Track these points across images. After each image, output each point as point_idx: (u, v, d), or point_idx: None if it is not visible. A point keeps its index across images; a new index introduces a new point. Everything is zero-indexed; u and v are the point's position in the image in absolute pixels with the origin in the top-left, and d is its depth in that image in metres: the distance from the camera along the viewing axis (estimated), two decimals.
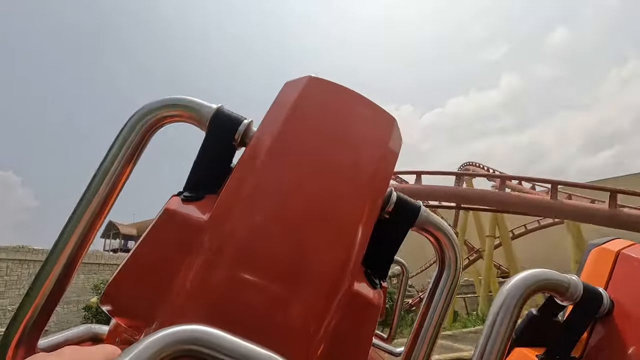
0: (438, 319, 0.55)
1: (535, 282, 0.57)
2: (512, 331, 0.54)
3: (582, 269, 0.75)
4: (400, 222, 0.54)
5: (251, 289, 0.42)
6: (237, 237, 0.43)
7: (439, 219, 0.56)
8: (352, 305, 0.47)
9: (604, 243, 0.74)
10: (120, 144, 0.49)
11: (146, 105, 0.51)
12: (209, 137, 0.52)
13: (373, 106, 0.55)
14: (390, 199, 0.53)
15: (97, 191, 0.47)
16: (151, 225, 0.47)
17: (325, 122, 0.51)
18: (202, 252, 0.43)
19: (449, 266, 0.55)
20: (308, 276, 0.44)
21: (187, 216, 0.46)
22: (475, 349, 0.55)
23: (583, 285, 0.60)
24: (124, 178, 0.50)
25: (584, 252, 0.77)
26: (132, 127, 0.50)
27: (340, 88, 0.54)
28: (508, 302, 0.55)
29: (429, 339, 0.54)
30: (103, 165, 0.49)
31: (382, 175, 0.51)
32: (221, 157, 0.52)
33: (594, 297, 0.61)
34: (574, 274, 0.63)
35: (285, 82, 0.55)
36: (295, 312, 0.43)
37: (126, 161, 0.49)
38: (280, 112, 0.51)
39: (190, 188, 0.51)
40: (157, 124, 0.51)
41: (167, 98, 0.52)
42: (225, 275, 0.42)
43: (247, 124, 0.52)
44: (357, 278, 0.49)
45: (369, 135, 0.52)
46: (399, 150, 0.55)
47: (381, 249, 0.54)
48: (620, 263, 0.68)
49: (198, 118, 0.52)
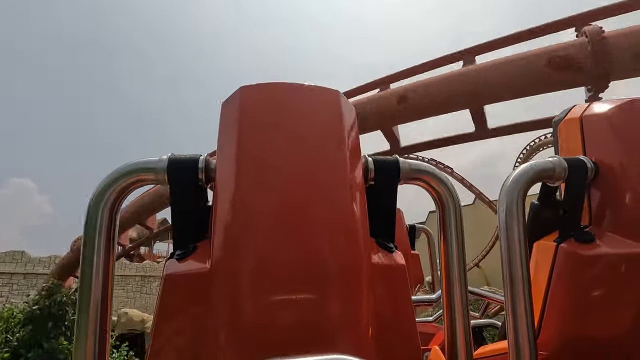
0: (459, 253, 0.56)
1: (525, 179, 0.59)
2: (525, 231, 0.57)
3: (557, 146, 0.77)
4: (386, 183, 0.55)
5: (284, 308, 0.42)
6: (246, 267, 0.43)
7: (419, 162, 0.58)
8: (379, 276, 0.47)
9: (565, 115, 0.76)
10: (89, 235, 0.47)
11: (99, 184, 0.49)
12: (173, 189, 0.50)
13: (313, 88, 0.54)
14: (368, 165, 0.54)
15: (90, 292, 0.46)
16: (158, 298, 0.45)
17: (276, 122, 0.50)
18: (221, 297, 0.43)
19: (447, 200, 0.57)
20: (328, 272, 0.44)
21: (189, 273, 0.45)
22: (503, 263, 0.56)
23: (565, 161, 0.63)
24: (111, 264, 0.48)
25: (552, 130, 0.80)
26: (94, 212, 0.48)
27: (274, 85, 0.53)
28: (510, 208, 0.57)
29: (458, 274, 0.56)
30: (87, 264, 0.47)
31: (350, 147, 0.51)
32: (194, 202, 0.51)
33: (578, 167, 0.64)
34: (554, 156, 0.66)
35: (221, 103, 0.54)
36: (333, 310, 0.43)
37: (105, 247, 0.48)
38: (231, 134, 0.50)
39: (180, 245, 0.50)
40: (117, 199, 0.49)
41: (113, 172, 0.50)
42: (253, 307, 0.41)
43: (205, 159, 0.51)
44: (373, 250, 0.50)
45: (320, 116, 0.52)
46: (355, 119, 0.55)
47: (380, 214, 0.54)
48: (587, 126, 0.70)
49: (154, 177, 0.50)
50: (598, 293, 0.60)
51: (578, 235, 0.63)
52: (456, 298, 0.55)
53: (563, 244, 0.64)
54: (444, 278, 0.56)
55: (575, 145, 0.71)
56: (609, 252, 0.60)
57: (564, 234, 0.65)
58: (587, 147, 0.69)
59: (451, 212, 0.57)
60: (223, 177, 0.48)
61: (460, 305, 0.55)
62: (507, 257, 0.56)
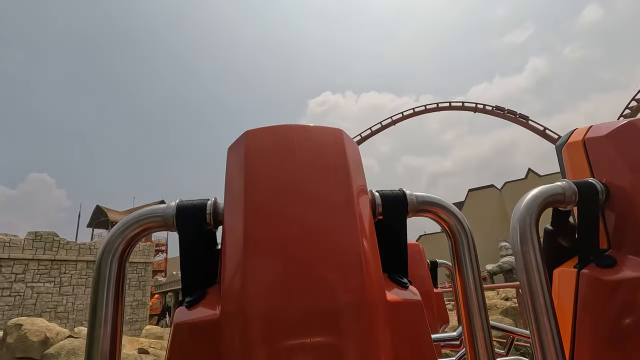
0: (476, 285, 0.54)
1: (536, 204, 0.58)
2: (542, 258, 0.55)
3: (563, 170, 0.76)
4: (394, 216, 0.54)
5: (298, 353, 0.40)
6: (257, 312, 0.42)
7: (427, 195, 0.56)
8: (394, 314, 0.46)
9: (567, 139, 0.76)
10: (98, 285, 0.47)
11: (108, 236, 0.49)
12: (182, 235, 0.50)
13: (316, 129, 0.55)
14: (375, 200, 0.54)
15: (99, 340, 0.45)
16: (168, 347, 0.44)
17: (281, 165, 0.50)
18: (232, 344, 0.41)
19: (458, 231, 0.56)
20: (342, 312, 0.42)
21: (199, 320, 0.44)
22: (524, 295, 0.54)
23: (574, 184, 0.62)
24: (120, 313, 0.48)
25: (557, 156, 0.79)
26: (103, 263, 0.48)
27: (278, 128, 0.54)
28: (524, 234, 0.55)
29: (478, 308, 0.53)
30: (94, 314, 0.46)
31: (357, 184, 0.51)
32: (203, 246, 0.51)
33: (589, 190, 0.62)
34: (562, 180, 0.64)
35: (227, 148, 0.55)
36: (350, 352, 0.41)
37: (114, 299, 0.47)
38: (237, 178, 0.50)
39: (189, 292, 0.49)
40: (126, 248, 0.50)
41: (124, 221, 0.50)
42: (265, 353, 0.40)
43: (212, 204, 0.51)
44: (387, 287, 0.48)
45: (325, 156, 0.52)
46: (359, 155, 0.56)
47: (391, 248, 0.54)
48: (591, 149, 0.69)
49: (163, 223, 0.50)
50: (628, 320, 0.56)
51: (599, 259, 0.61)
52: (478, 335, 0.53)
53: (584, 270, 0.61)
54: (464, 313, 0.54)
55: (581, 169, 0.70)
56: (633, 276, 0.57)
57: (583, 260, 0.63)
58: (595, 170, 0.67)
59: (464, 243, 0.56)
60: (230, 222, 0.48)
61: (484, 342, 0.52)
62: (527, 287, 0.53)
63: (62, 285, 14.36)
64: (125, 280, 0.49)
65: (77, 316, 15.26)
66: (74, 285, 14.99)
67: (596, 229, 0.62)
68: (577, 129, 0.74)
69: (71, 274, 14.65)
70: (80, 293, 15.20)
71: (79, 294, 15.21)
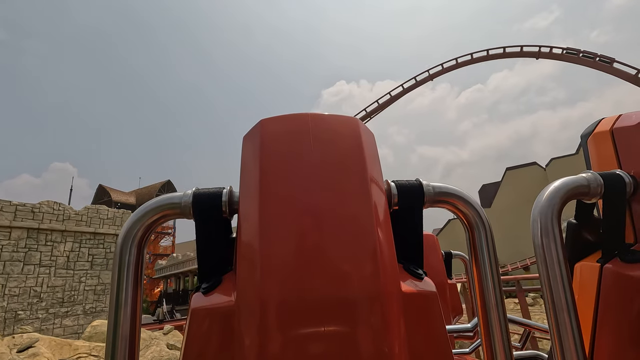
0: (494, 277, 0.53)
1: (559, 196, 0.56)
2: (564, 251, 0.53)
3: (589, 161, 0.72)
4: (410, 207, 0.53)
5: (311, 341, 0.41)
6: (272, 300, 0.42)
7: (444, 185, 0.55)
8: (409, 305, 0.45)
9: (593, 129, 0.72)
10: (119, 269, 0.48)
11: (128, 222, 0.51)
12: (198, 223, 0.51)
13: (332, 117, 0.54)
14: (391, 190, 0.53)
15: (119, 323, 0.46)
16: (185, 332, 0.45)
17: (296, 153, 0.50)
18: (247, 330, 0.42)
19: (475, 223, 0.54)
20: (356, 301, 0.42)
21: (215, 306, 0.45)
22: (543, 289, 0.53)
23: (600, 176, 0.59)
24: (139, 299, 0.49)
25: (582, 146, 0.75)
26: (123, 248, 0.49)
27: (293, 117, 0.53)
28: (546, 227, 0.54)
29: (495, 300, 0.52)
30: (115, 297, 0.47)
31: (372, 174, 0.50)
32: (219, 234, 0.51)
33: (615, 182, 0.60)
34: (587, 171, 0.62)
35: (242, 137, 0.54)
36: (364, 342, 0.41)
37: (133, 282, 0.48)
38: (253, 166, 0.50)
39: (205, 278, 0.50)
40: (145, 234, 0.50)
41: (142, 207, 0.51)
42: (279, 340, 0.40)
43: (228, 192, 0.51)
44: (402, 278, 0.48)
45: (341, 145, 0.51)
46: (375, 145, 0.55)
47: (407, 239, 0.53)
48: (620, 139, 0.66)
49: (180, 211, 0.51)
50: None
51: (623, 254, 0.59)
52: (495, 328, 0.51)
53: (608, 265, 0.60)
54: (480, 305, 0.53)
55: (608, 160, 0.67)
56: None
57: (607, 254, 0.61)
58: (623, 161, 0.65)
59: (482, 235, 0.54)
60: (246, 210, 0.48)
61: (500, 335, 0.51)
62: (547, 281, 0.52)
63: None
64: (143, 266, 0.50)
65: (10, 303, 10.95)
66: (6, 260, 10.62)
67: (622, 223, 0.60)
68: (605, 118, 0.71)
69: (1, 245, 10.41)
70: (16, 272, 10.87)
71: (14, 274, 10.84)
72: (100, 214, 12.86)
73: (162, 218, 0.51)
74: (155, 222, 0.50)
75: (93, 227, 12.53)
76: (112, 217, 13.43)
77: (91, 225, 12.54)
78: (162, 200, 0.51)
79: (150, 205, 0.51)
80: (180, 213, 0.50)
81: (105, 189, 42.78)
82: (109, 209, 13.02)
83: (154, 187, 41.90)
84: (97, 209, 12.78)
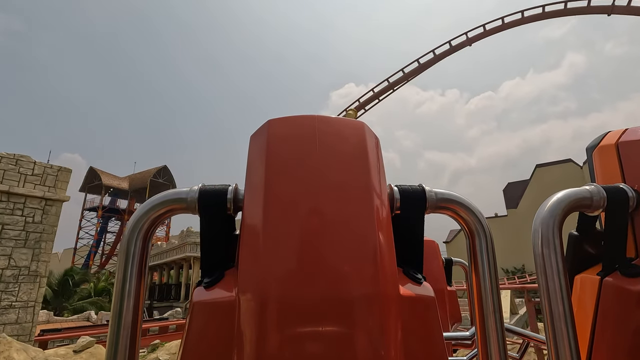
0: (492, 286, 0.53)
1: (561, 208, 0.56)
2: (564, 263, 0.53)
3: (593, 173, 0.73)
4: (412, 212, 0.53)
5: (309, 340, 0.41)
6: (271, 298, 0.42)
7: (446, 192, 0.55)
8: (407, 308, 0.46)
9: (599, 142, 0.72)
10: (125, 260, 0.49)
11: (135, 215, 0.51)
12: (203, 218, 0.52)
13: (338, 120, 0.55)
14: (394, 194, 0.53)
15: (122, 312, 0.47)
16: (186, 324, 0.45)
17: (302, 155, 0.50)
18: (246, 326, 0.42)
19: (476, 230, 0.54)
20: (354, 302, 0.42)
21: (216, 300, 0.45)
22: (542, 298, 0.53)
23: (603, 189, 0.59)
24: (143, 290, 0.49)
25: (587, 159, 0.75)
26: (130, 240, 0.49)
27: (300, 118, 0.54)
28: (547, 238, 0.54)
29: (493, 309, 0.52)
30: (120, 287, 0.48)
31: (375, 178, 0.51)
32: (223, 231, 0.52)
33: (618, 196, 0.60)
34: (590, 183, 0.62)
35: (250, 136, 0.55)
36: (360, 343, 0.41)
37: (137, 274, 0.49)
38: (258, 165, 0.51)
39: (208, 273, 0.50)
40: (150, 227, 0.51)
41: (149, 201, 0.52)
42: (277, 338, 0.41)
43: (233, 190, 0.52)
44: (401, 281, 0.48)
45: (346, 148, 0.52)
46: (380, 149, 0.55)
47: (408, 243, 0.53)
48: (625, 153, 0.66)
49: (186, 206, 0.52)
50: None
51: (624, 268, 0.59)
52: (492, 336, 0.51)
53: (608, 278, 0.60)
54: (478, 314, 0.53)
55: (612, 173, 0.67)
56: None
57: (608, 267, 0.61)
58: (627, 175, 0.65)
59: (482, 242, 0.54)
60: (250, 208, 0.49)
61: (497, 344, 0.51)
62: (546, 292, 0.52)
63: None
64: (148, 257, 0.51)
65: None
66: None
67: (624, 237, 0.60)
68: (611, 132, 0.71)
69: None
70: None
71: None
72: (21, 166, 8.88)
73: (168, 212, 0.52)
74: (161, 215, 0.51)
75: (7, 184, 8.55)
76: (40, 174, 9.25)
77: (3, 182, 8.57)
78: (168, 194, 0.52)
79: (157, 199, 0.51)
80: (186, 208, 0.51)
81: (96, 172, 38.69)
82: (35, 161, 9.02)
83: (149, 173, 38.17)
84: (17, 160, 8.82)
